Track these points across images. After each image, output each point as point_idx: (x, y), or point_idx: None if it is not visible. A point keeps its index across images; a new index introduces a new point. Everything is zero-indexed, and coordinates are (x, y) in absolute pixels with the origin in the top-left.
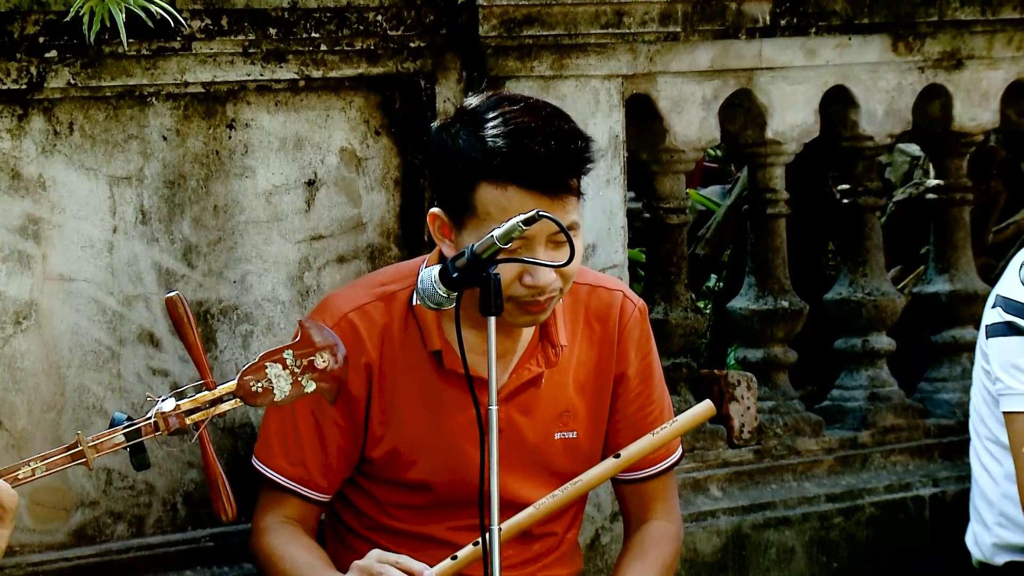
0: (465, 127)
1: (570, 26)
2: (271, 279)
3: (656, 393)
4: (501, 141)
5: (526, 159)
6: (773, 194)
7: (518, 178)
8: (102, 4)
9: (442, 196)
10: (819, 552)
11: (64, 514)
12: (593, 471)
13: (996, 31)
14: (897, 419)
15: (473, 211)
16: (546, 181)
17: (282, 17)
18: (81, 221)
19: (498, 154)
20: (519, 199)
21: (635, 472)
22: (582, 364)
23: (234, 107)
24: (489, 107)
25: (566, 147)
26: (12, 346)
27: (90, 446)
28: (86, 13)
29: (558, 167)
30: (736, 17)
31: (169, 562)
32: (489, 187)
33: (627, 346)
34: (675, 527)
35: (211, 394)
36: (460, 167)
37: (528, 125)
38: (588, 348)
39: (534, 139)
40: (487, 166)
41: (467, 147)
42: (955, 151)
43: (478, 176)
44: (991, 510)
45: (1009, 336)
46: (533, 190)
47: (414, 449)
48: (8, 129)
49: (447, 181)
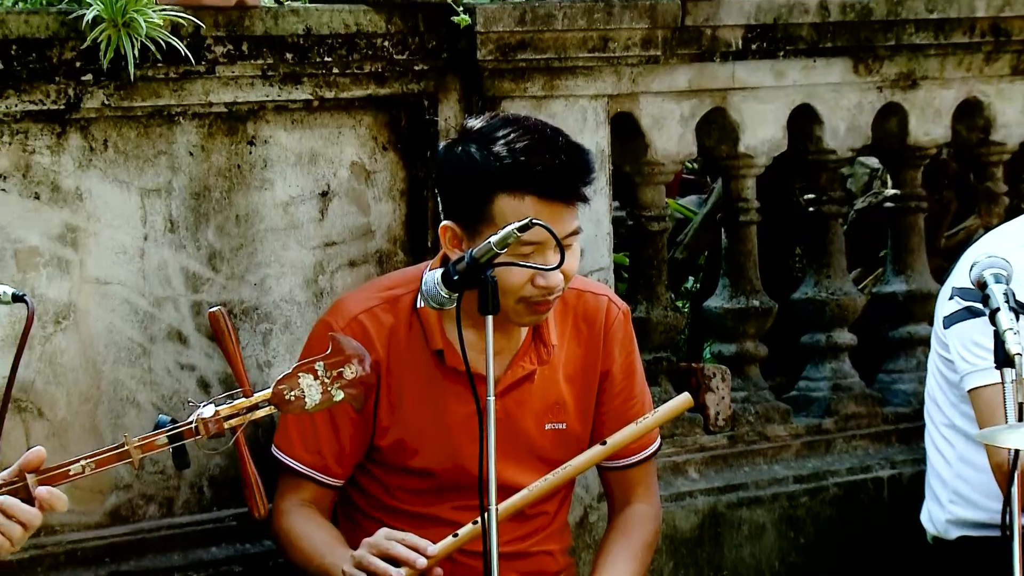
0: (476, 144)
1: (560, 50)
2: (288, 282)
3: (638, 388)
4: (516, 155)
5: (542, 170)
6: (745, 203)
7: (536, 188)
8: (117, 33)
9: (455, 208)
10: (787, 529)
11: (100, 496)
12: (581, 457)
13: (948, 54)
14: (858, 407)
15: (491, 220)
16: (561, 190)
17: (297, 43)
18: (115, 229)
19: (515, 167)
20: (536, 207)
21: (619, 460)
22: (571, 362)
23: (254, 125)
24: (496, 126)
25: (574, 158)
26: (53, 343)
27: (136, 446)
28: (103, 40)
29: (571, 177)
30: (711, 42)
31: (196, 540)
32: (507, 197)
33: (612, 346)
34: (655, 509)
35: (248, 401)
36: (477, 180)
37: (538, 140)
38: (576, 347)
39: (546, 153)
40: (505, 178)
41: (483, 162)
42: (910, 164)
43: (496, 188)
44: (945, 489)
45: (969, 319)
46: (549, 198)
47: (418, 439)
48: (48, 146)
49: (462, 194)
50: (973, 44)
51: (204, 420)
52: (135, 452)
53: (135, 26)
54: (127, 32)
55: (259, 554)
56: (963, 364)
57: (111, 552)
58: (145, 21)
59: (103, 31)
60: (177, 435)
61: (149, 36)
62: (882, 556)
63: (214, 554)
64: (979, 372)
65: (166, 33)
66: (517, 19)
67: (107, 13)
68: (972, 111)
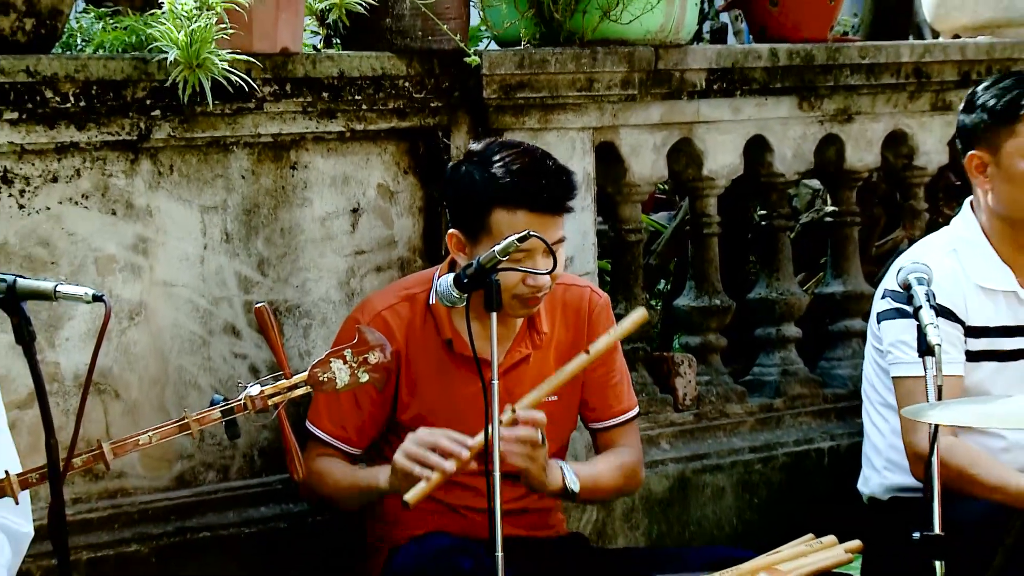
0: (476, 166)
1: (553, 90)
2: (325, 284)
3: (618, 363)
4: (510, 176)
5: (533, 189)
6: (708, 218)
7: (527, 203)
8: (193, 73)
9: (459, 219)
10: (743, 491)
11: (167, 464)
12: (571, 364)
13: (878, 93)
14: (803, 389)
15: (488, 230)
16: (549, 204)
17: (332, 84)
18: (179, 240)
19: (509, 186)
20: (527, 220)
21: (605, 421)
22: (560, 345)
23: (296, 153)
24: (493, 150)
25: (560, 178)
26: (127, 336)
27: (194, 420)
28: (181, 81)
29: (557, 194)
30: (679, 83)
31: (248, 501)
32: (502, 211)
33: (596, 327)
34: (636, 457)
35: (288, 382)
36: (477, 197)
37: (528, 163)
38: (565, 332)
39: (536, 173)
40: (501, 195)
41: (482, 181)
42: (846, 185)
43: (493, 203)
44: (880, 458)
45: (898, 319)
46: (539, 212)
47: (433, 414)
48: (123, 170)
49: (465, 208)
50: (899, 84)
51: (251, 398)
52: (193, 424)
53: (207, 66)
54: (200, 72)
55: (300, 512)
56: (890, 356)
57: (176, 511)
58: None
59: (180, 71)
60: (229, 410)
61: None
62: (823, 514)
63: (263, 513)
64: (903, 364)
65: (229, 71)
66: (517, 63)
67: (184, 56)
68: (898, 141)
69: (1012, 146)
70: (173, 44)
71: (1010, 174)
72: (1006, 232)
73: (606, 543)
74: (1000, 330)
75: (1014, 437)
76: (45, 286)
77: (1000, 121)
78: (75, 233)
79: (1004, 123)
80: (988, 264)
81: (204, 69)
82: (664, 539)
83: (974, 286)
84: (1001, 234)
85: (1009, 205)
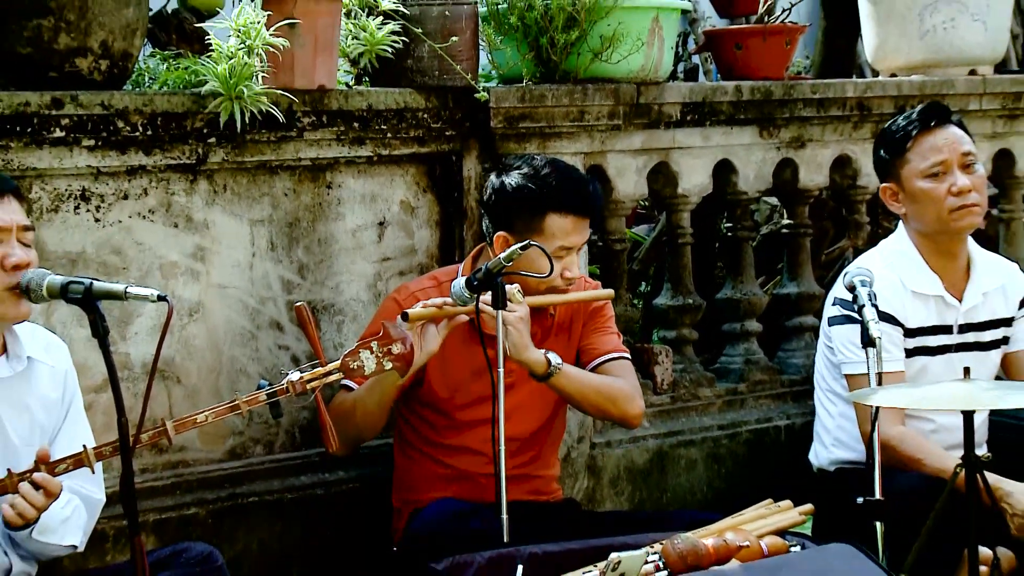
0: (527, 178)
1: (550, 121)
2: (355, 286)
3: (611, 321)
4: (563, 186)
5: (582, 197)
6: (682, 230)
7: (578, 210)
8: (231, 104)
9: (509, 223)
10: (713, 463)
11: (221, 440)
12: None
13: (826, 123)
14: (763, 376)
15: (541, 232)
16: (591, 210)
17: (362, 116)
18: (231, 249)
19: (563, 195)
20: (572, 223)
21: (599, 358)
22: (562, 322)
23: (331, 174)
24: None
25: (592, 189)
26: (187, 331)
27: (244, 402)
28: (222, 111)
29: (597, 201)
30: (658, 115)
31: (290, 470)
32: (556, 215)
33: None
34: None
35: (323, 369)
36: (533, 203)
37: (571, 177)
38: (565, 312)
39: (579, 183)
40: (556, 202)
41: (538, 189)
42: (800, 202)
43: (548, 208)
44: (828, 436)
45: (846, 324)
46: (581, 215)
47: (453, 382)
48: (183, 189)
49: (520, 212)
50: (845, 116)
51: (292, 383)
52: (243, 406)
53: (244, 98)
54: (239, 103)
55: (335, 481)
56: (840, 355)
57: (229, 479)
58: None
59: (221, 101)
60: (273, 393)
61: (256, 108)
62: (780, 482)
63: (302, 481)
64: (852, 363)
65: (263, 103)
66: (519, 98)
67: (224, 88)
68: (844, 164)
69: (908, 171)
70: (214, 77)
71: (913, 195)
72: (930, 244)
73: (595, 507)
74: (930, 329)
75: (941, 420)
76: (117, 288)
77: (895, 154)
78: (143, 243)
79: (898, 155)
80: (920, 273)
81: (242, 100)
82: (645, 504)
83: (909, 293)
84: (926, 246)
85: (921, 220)
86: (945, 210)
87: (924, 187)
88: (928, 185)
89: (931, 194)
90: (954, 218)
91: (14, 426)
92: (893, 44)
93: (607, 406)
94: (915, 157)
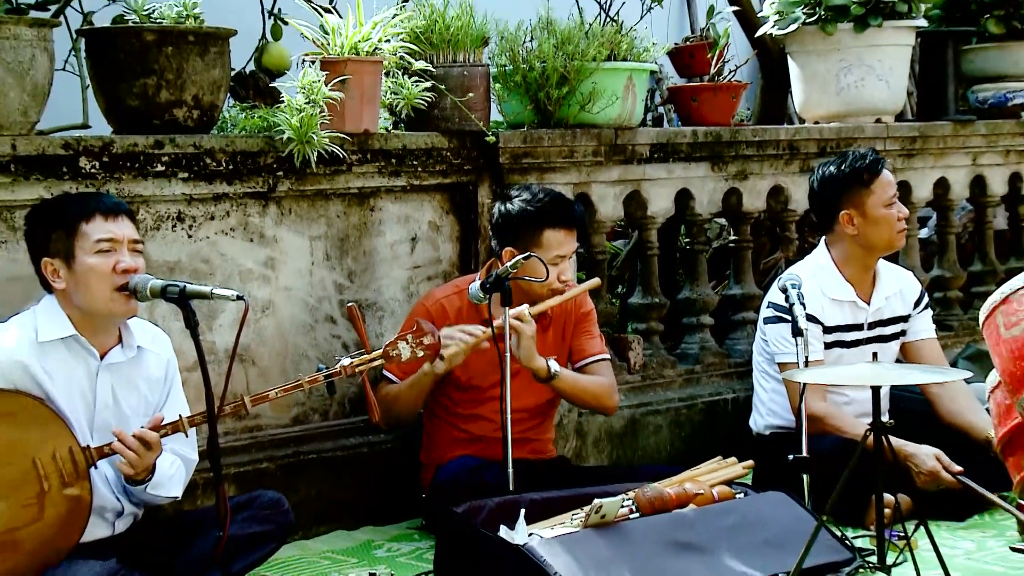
0: (525, 202)
1: (546, 157)
2: (393, 289)
3: (594, 325)
4: (554, 206)
5: (570, 214)
6: (651, 244)
7: (567, 225)
8: (302, 147)
9: (514, 238)
10: (675, 428)
11: (288, 409)
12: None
13: (764, 160)
14: (714, 359)
15: (540, 244)
16: (578, 225)
17: (398, 153)
18: (295, 259)
19: (555, 213)
20: (564, 235)
21: (584, 360)
22: (556, 321)
23: (373, 200)
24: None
25: (580, 209)
26: (260, 323)
27: (306, 381)
28: (296, 152)
29: (583, 218)
30: (631, 153)
31: (341, 434)
32: (551, 230)
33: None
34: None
35: (368, 356)
36: (532, 221)
37: (560, 199)
38: (559, 313)
39: (567, 205)
40: (551, 219)
41: (535, 210)
42: (743, 222)
43: (544, 224)
44: (764, 407)
45: (778, 323)
46: (572, 229)
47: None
48: (257, 212)
49: (523, 229)
50: (779, 155)
51: (344, 366)
52: (305, 384)
53: (312, 142)
54: (308, 146)
55: (377, 442)
56: (775, 348)
57: (293, 440)
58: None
59: (295, 145)
60: (329, 375)
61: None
62: (726, 443)
63: (352, 442)
64: (783, 354)
65: (327, 145)
66: (522, 140)
67: (296, 135)
68: (778, 192)
69: (873, 201)
70: (289, 127)
71: (876, 220)
72: (860, 258)
73: (581, 462)
74: (845, 327)
75: (853, 395)
76: (205, 289)
77: (862, 186)
78: (225, 254)
79: (865, 187)
80: (836, 283)
81: (310, 144)
82: (621, 460)
83: (828, 299)
84: (852, 260)
85: (876, 240)
86: (895, 231)
87: (885, 214)
88: (887, 212)
89: (888, 219)
90: (899, 238)
91: (127, 401)
92: (816, 99)
93: (592, 402)
94: (878, 190)
